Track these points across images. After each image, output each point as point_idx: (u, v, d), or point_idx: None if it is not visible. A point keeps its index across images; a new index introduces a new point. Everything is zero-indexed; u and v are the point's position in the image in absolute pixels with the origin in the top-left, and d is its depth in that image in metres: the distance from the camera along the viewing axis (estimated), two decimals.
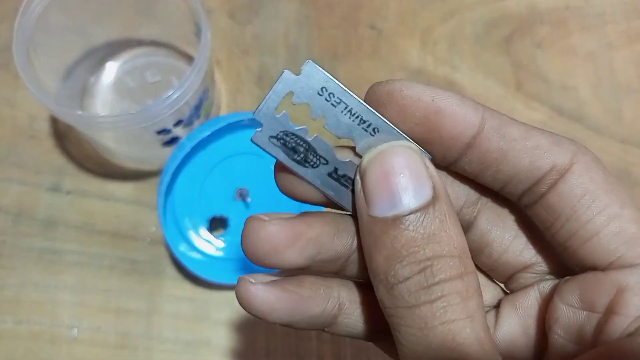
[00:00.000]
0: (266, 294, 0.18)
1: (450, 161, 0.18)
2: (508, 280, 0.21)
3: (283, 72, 0.17)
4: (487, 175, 0.18)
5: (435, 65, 0.44)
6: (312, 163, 0.18)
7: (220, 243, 0.38)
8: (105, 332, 0.37)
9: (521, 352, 0.20)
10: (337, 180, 0.18)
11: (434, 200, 0.16)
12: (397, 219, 0.16)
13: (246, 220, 0.18)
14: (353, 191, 0.18)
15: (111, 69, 0.41)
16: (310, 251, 0.18)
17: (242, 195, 0.37)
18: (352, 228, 0.19)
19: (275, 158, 0.18)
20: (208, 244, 0.37)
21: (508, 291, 0.21)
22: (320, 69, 0.17)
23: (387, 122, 0.17)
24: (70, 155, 0.40)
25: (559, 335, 0.18)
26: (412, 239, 0.16)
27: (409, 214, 0.16)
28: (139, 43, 0.42)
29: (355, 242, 0.19)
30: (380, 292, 0.17)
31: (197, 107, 0.36)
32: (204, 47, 0.33)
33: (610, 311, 0.17)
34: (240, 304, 0.18)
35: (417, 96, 0.17)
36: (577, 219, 0.17)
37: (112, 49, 0.41)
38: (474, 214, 0.20)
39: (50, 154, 0.40)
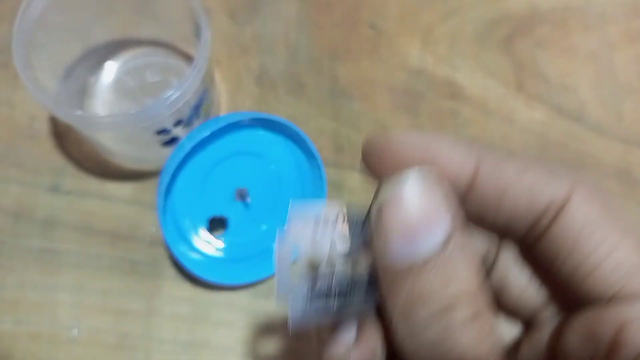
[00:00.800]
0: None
1: None
2: (530, 320, 0.21)
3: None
4: (487, 218, 0.18)
5: (436, 65, 0.44)
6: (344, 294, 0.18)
7: (220, 243, 0.38)
8: (104, 333, 0.37)
9: None
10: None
11: (451, 237, 0.15)
12: (414, 264, 0.15)
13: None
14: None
15: (111, 69, 0.41)
16: None
17: (242, 196, 0.37)
18: None
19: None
20: (208, 245, 0.37)
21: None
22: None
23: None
24: (69, 156, 0.40)
25: None
26: (432, 282, 0.16)
27: (429, 255, 0.15)
28: (139, 43, 0.42)
29: None
30: (400, 334, 0.17)
31: (197, 107, 0.36)
32: (204, 47, 0.33)
33: (614, 345, 0.17)
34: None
35: (411, 150, 0.17)
36: (579, 253, 0.17)
37: (112, 49, 0.41)
38: (494, 257, 0.20)
39: (49, 154, 0.40)
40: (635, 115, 0.44)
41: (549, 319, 0.20)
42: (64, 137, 0.41)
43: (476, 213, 0.18)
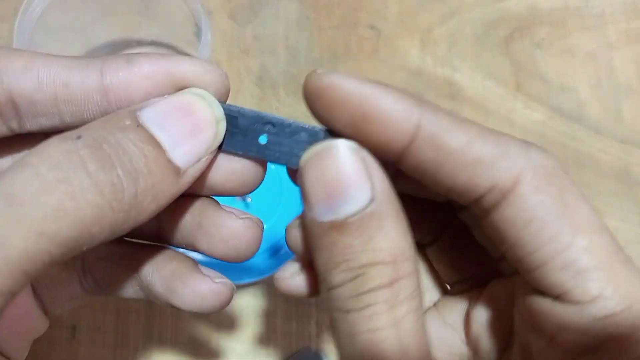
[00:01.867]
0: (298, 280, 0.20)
1: (394, 162, 0.17)
2: (498, 264, 0.21)
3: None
4: (426, 183, 0.17)
5: (435, 66, 0.44)
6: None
7: None
8: (104, 333, 0.37)
9: (487, 341, 0.20)
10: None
11: (371, 202, 0.15)
12: (335, 224, 0.16)
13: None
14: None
15: None
16: None
17: (242, 195, 0.37)
18: None
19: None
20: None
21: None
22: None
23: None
24: None
25: (516, 343, 0.18)
26: (348, 246, 0.15)
27: (345, 219, 0.15)
28: (139, 43, 0.42)
29: None
30: (322, 291, 0.17)
31: None
32: (204, 48, 0.33)
33: (554, 342, 0.16)
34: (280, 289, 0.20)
35: (346, 98, 0.16)
36: (523, 248, 0.16)
37: (113, 49, 0.42)
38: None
39: None
40: (634, 116, 0.44)
41: (510, 275, 0.19)
42: None
43: (413, 174, 0.17)
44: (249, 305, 0.38)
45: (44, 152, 0.14)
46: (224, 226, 0.19)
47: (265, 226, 0.38)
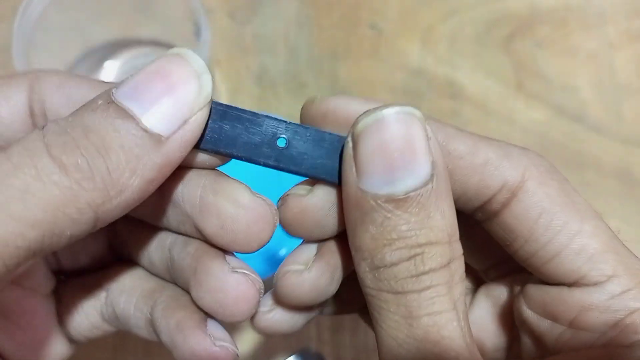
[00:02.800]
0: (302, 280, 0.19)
1: None
2: (487, 270, 0.21)
3: None
4: None
5: (436, 65, 0.44)
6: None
7: None
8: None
9: (492, 339, 0.20)
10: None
11: (432, 178, 0.15)
12: (393, 198, 0.15)
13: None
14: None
15: (111, 69, 0.41)
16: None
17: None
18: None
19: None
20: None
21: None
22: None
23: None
24: None
25: (525, 334, 0.19)
26: (405, 222, 0.15)
27: (405, 193, 0.15)
28: (139, 43, 0.42)
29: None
30: (361, 270, 0.16)
31: None
32: (203, 47, 0.33)
33: (575, 325, 0.17)
34: (282, 298, 0.19)
35: (349, 118, 0.16)
36: (536, 241, 0.17)
37: (112, 48, 0.41)
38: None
39: None
40: (635, 115, 0.44)
41: (504, 276, 0.20)
42: None
43: None
44: None
45: (15, 143, 0.14)
46: (211, 281, 0.18)
47: None
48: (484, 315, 0.20)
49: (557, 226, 0.17)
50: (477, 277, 0.23)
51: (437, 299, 0.15)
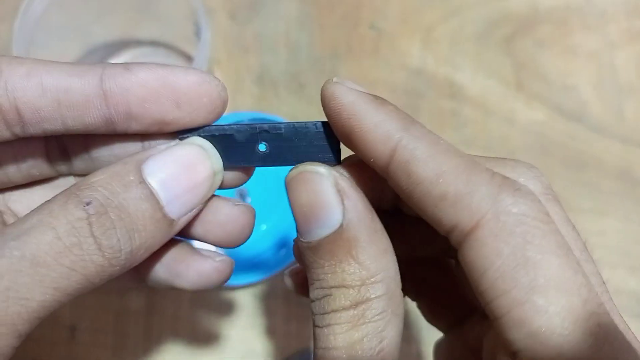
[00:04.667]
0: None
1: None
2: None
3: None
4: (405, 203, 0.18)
5: (436, 65, 0.44)
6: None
7: None
8: (104, 333, 0.37)
9: None
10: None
11: (341, 227, 0.16)
12: (312, 245, 0.17)
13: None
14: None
15: None
16: None
17: (242, 195, 0.37)
18: None
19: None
20: (208, 245, 0.37)
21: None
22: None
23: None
24: None
25: None
26: (320, 266, 0.17)
27: (317, 242, 0.17)
28: (139, 43, 0.42)
29: None
30: None
31: None
32: (204, 47, 0.33)
33: None
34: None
35: (339, 110, 0.17)
36: (480, 295, 0.16)
37: (112, 48, 0.41)
38: None
39: None
40: (636, 115, 0.44)
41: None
42: None
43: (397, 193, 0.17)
44: (249, 305, 0.38)
45: (61, 215, 0.16)
46: (220, 212, 0.20)
47: (264, 227, 0.38)
48: (457, 353, 0.21)
49: (498, 290, 0.15)
50: (455, 318, 0.23)
51: (333, 336, 0.16)
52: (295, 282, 0.23)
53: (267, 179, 0.38)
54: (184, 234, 0.21)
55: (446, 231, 0.16)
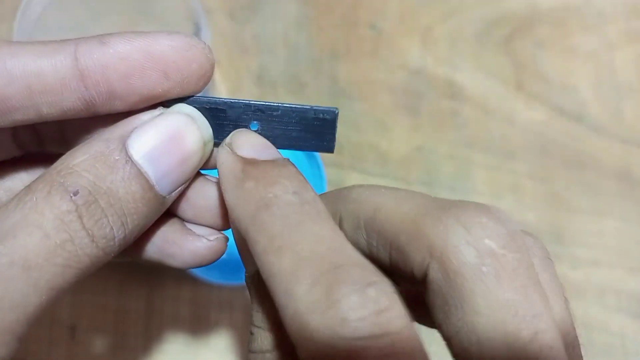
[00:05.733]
0: None
1: None
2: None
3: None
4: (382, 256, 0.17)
5: (436, 65, 0.44)
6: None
7: None
8: (104, 333, 0.37)
9: None
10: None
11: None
12: None
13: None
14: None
15: None
16: None
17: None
18: None
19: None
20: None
21: None
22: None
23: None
24: None
25: None
26: None
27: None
28: None
29: None
30: None
31: None
32: None
33: None
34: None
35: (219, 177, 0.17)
36: (440, 328, 0.15)
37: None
38: None
39: None
40: (635, 115, 0.44)
41: None
42: None
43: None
44: (248, 306, 0.38)
45: (47, 210, 0.15)
46: (210, 196, 0.19)
47: None
48: None
49: (455, 326, 0.15)
50: None
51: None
52: None
53: None
54: (176, 213, 0.20)
55: (407, 265, 0.16)
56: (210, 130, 0.18)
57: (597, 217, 0.41)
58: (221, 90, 0.42)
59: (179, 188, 0.17)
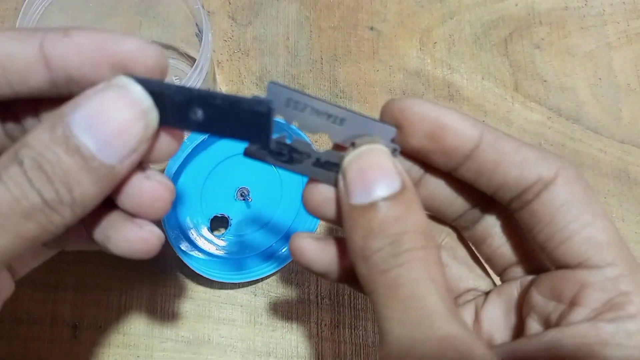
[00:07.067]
0: (313, 246, 0.23)
1: (452, 168, 0.21)
2: (502, 273, 0.24)
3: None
4: (482, 181, 0.21)
5: (434, 66, 0.44)
6: (297, 159, 0.21)
7: (221, 242, 0.38)
8: (106, 331, 0.37)
9: (502, 332, 0.23)
10: (321, 167, 0.21)
11: (402, 190, 0.19)
12: (372, 205, 0.19)
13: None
14: (337, 177, 0.21)
15: None
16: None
17: (243, 195, 0.38)
18: None
19: (269, 164, 0.21)
20: (209, 243, 0.38)
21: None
22: (282, 86, 0.19)
23: (351, 111, 0.20)
24: None
25: (533, 319, 0.21)
26: (384, 219, 0.19)
27: (381, 200, 0.19)
28: None
29: None
30: (358, 265, 0.20)
31: None
32: (205, 49, 0.33)
33: (573, 303, 0.20)
34: (293, 255, 0.23)
35: (426, 113, 0.20)
36: (555, 225, 0.20)
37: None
38: (482, 213, 0.24)
39: None
40: (633, 116, 0.44)
41: (519, 277, 0.23)
42: None
43: (472, 176, 0.21)
44: (249, 304, 0.38)
45: (3, 175, 0.17)
46: (138, 185, 0.21)
47: (265, 226, 0.38)
48: (495, 311, 0.23)
49: (573, 216, 0.20)
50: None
51: (415, 269, 0.19)
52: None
53: (268, 178, 0.38)
54: (114, 201, 0.22)
55: (528, 185, 0.20)
56: (149, 100, 0.19)
57: None
58: (222, 90, 0.42)
59: (131, 156, 0.19)
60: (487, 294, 0.24)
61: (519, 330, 0.22)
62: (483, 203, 0.23)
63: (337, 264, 0.23)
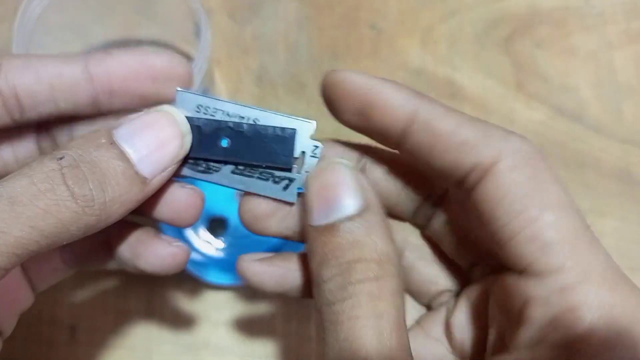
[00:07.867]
0: (258, 268, 0.22)
1: (394, 146, 0.20)
2: (470, 271, 0.22)
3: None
4: (421, 164, 0.19)
5: (435, 65, 0.44)
6: (215, 168, 0.21)
7: (219, 244, 0.38)
8: (104, 333, 0.37)
9: (472, 340, 0.21)
10: (240, 174, 0.21)
11: (362, 211, 0.18)
12: (328, 227, 0.18)
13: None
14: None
15: None
16: (288, 222, 0.21)
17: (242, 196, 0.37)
18: None
19: (185, 177, 0.21)
20: (208, 245, 0.37)
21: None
22: (191, 92, 0.21)
23: (264, 110, 0.21)
24: None
25: (493, 331, 0.19)
26: (339, 245, 0.17)
27: (339, 222, 0.18)
28: (139, 43, 0.42)
29: None
30: (313, 292, 0.19)
31: None
32: (204, 47, 0.33)
33: (519, 319, 0.17)
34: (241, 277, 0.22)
35: (355, 86, 0.19)
36: (495, 222, 0.17)
37: (112, 48, 0.41)
38: (434, 208, 0.22)
39: None
40: (634, 115, 0.44)
41: (482, 277, 0.21)
42: None
43: (412, 156, 0.19)
44: (249, 306, 0.38)
45: (37, 167, 0.17)
46: (172, 194, 0.22)
47: None
48: (463, 317, 0.21)
49: (515, 211, 0.17)
50: (463, 281, 0.23)
51: (358, 306, 0.17)
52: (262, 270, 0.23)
53: None
54: (146, 213, 0.22)
55: (465, 172, 0.18)
56: (188, 125, 0.20)
57: (596, 217, 0.41)
58: (221, 90, 0.42)
59: (162, 174, 0.20)
60: (455, 299, 0.22)
61: (484, 342, 0.20)
62: (434, 196, 0.21)
63: (294, 280, 0.22)
